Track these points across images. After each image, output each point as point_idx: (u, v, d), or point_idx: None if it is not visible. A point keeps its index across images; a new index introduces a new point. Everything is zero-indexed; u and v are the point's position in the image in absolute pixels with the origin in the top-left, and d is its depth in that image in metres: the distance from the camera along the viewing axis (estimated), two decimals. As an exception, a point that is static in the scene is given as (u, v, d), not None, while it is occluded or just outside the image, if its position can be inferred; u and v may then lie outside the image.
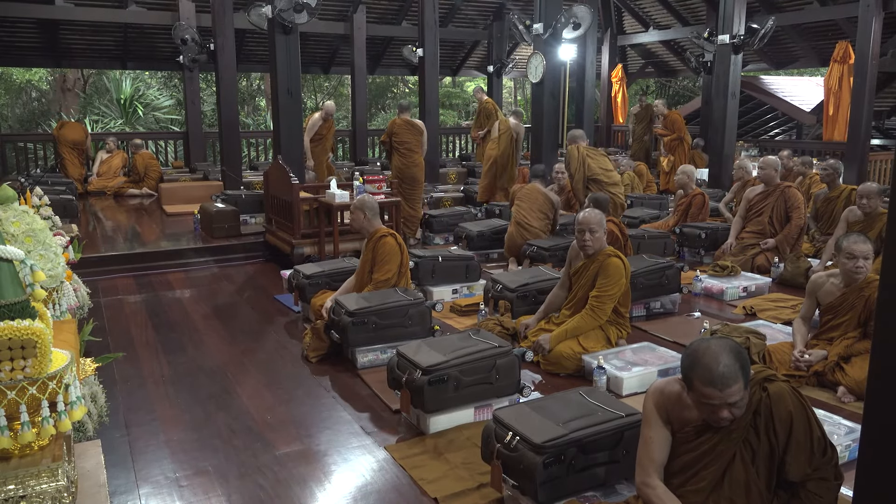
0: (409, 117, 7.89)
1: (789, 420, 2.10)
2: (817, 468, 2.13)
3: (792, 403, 2.12)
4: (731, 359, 2.02)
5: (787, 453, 2.10)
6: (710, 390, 2.02)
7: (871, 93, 9.68)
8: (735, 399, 2.03)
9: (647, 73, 16.58)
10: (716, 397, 2.02)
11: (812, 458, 2.11)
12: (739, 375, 2.02)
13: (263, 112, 20.52)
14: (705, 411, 2.09)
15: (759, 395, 2.13)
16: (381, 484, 2.86)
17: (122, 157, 11.34)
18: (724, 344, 2.08)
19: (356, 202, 4.63)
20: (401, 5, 13.29)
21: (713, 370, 2.01)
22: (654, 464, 2.24)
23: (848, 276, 3.76)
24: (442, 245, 7.37)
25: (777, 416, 2.10)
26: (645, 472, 2.24)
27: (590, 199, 5.57)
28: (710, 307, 5.29)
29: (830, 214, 6.75)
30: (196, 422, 3.42)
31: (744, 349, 2.12)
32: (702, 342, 2.14)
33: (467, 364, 3.27)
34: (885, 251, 1.87)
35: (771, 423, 2.11)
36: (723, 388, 2.01)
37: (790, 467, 2.10)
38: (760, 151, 11.53)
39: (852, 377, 3.54)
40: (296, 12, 6.48)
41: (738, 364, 2.02)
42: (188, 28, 10.48)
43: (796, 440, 2.10)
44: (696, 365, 2.06)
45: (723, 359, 2.02)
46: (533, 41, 7.89)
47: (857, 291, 3.74)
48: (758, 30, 9.21)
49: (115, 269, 6.45)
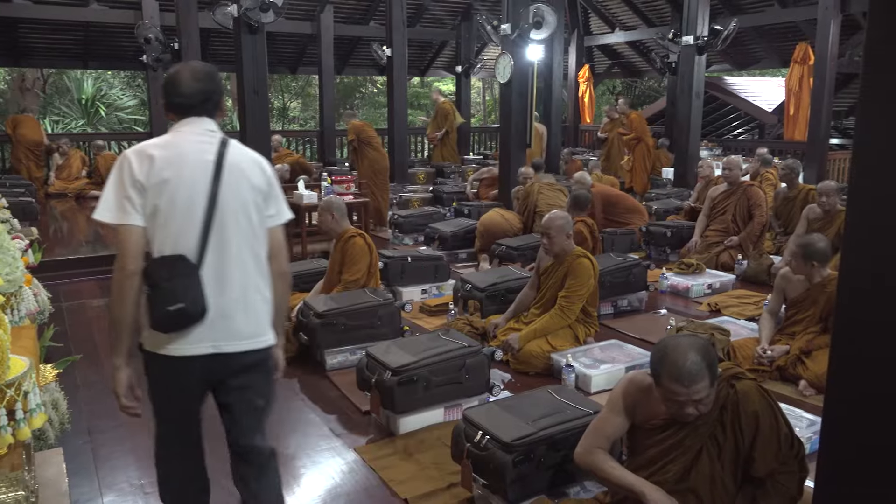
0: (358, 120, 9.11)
1: (756, 418, 2.14)
2: (784, 462, 2.18)
3: (759, 402, 2.16)
4: (698, 356, 2.05)
5: (755, 450, 2.14)
6: (677, 387, 2.05)
7: (829, 93, 9.91)
8: (701, 396, 2.06)
9: (614, 74, 16.77)
10: (682, 394, 2.05)
11: (779, 453, 2.16)
12: (706, 373, 2.05)
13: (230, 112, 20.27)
14: (672, 407, 2.13)
15: (726, 392, 2.17)
16: (350, 486, 2.85)
17: (81, 157, 11.09)
18: (692, 341, 2.11)
19: (324, 203, 4.60)
20: (368, 5, 13.25)
21: (680, 367, 2.04)
22: (602, 437, 2.29)
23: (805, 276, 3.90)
24: (411, 245, 7.36)
25: (744, 414, 2.14)
26: (588, 440, 2.30)
27: (570, 198, 5.76)
28: (676, 304, 5.37)
29: (789, 213, 6.89)
30: (162, 427, 3.36)
31: (712, 347, 2.16)
32: (672, 339, 2.16)
33: (437, 364, 3.27)
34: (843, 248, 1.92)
35: (737, 420, 2.15)
36: (689, 385, 2.04)
37: (758, 463, 2.15)
38: (724, 151, 11.73)
39: (813, 371, 3.63)
40: (262, 11, 6.41)
41: (705, 362, 2.05)
42: (151, 27, 10.30)
43: (763, 437, 2.14)
44: (664, 361, 2.09)
45: (690, 356, 2.05)
46: (501, 42, 7.93)
47: (819, 287, 3.84)
48: (721, 31, 9.37)
49: (78, 272, 6.31)
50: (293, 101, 22.83)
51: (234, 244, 1.98)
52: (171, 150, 1.96)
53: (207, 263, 1.94)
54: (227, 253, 1.97)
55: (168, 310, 1.87)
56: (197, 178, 1.94)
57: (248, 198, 2.02)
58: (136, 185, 1.90)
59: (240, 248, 1.99)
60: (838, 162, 10.60)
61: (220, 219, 1.95)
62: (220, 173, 1.96)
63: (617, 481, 2.19)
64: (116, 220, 1.90)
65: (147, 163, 1.91)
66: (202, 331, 1.93)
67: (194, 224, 1.93)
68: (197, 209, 1.93)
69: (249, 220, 2.01)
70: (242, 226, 2.00)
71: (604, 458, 2.25)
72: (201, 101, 2.02)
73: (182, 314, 1.88)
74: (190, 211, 1.93)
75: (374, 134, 8.52)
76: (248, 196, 2.01)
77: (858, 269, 1.86)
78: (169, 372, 1.98)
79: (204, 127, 2.03)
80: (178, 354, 1.93)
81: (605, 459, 2.25)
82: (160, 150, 1.95)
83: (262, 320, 2.04)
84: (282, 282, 2.15)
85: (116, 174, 1.93)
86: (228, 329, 1.96)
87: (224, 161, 1.98)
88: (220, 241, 1.95)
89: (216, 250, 1.95)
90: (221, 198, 1.96)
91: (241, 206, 2.00)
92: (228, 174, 1.98)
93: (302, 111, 22.91)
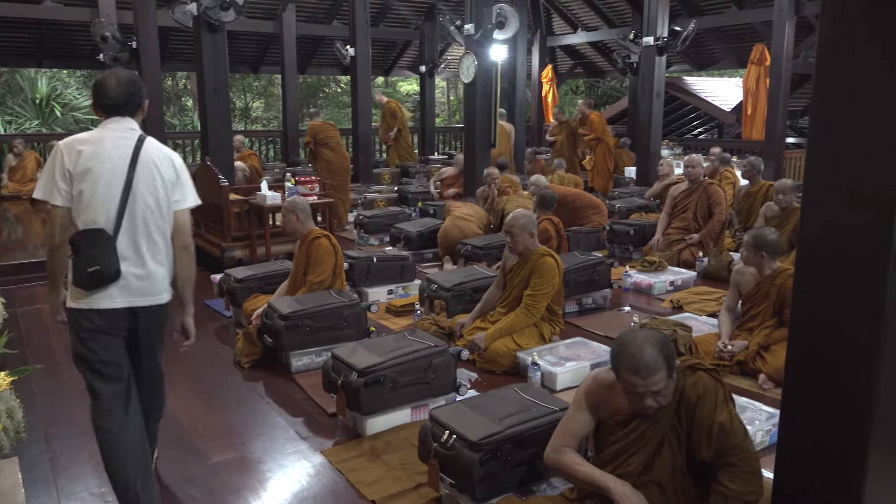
0: (321, 120, 9.14)
1: (695, 402, 2.18)
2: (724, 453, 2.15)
3: (703, 387, 2.19)
4: (655, 349, 2.10)
5: (691, 435, 2.18)
6: (635, 378, 2.10)
7: (785, 93, 10.17)
8: (659, 387, 2.11)
9: (577, 74, 16.93)
10: (640, 385, 2.10)
11: (710, 441, 2.15)
12: (663, 365, 2.09)
13: (190, 112, 19.96)
14: (632, 399, 2.17)
15: (682, 383, 2.22)
16: (317, 489, 2.83)
17: (35, 158, 10.79)
18: (649, 335, 2.17)
19: (288, 204, 4.55)
20: (331, 4, 13.16)
21: (638, 359, 2.09)
22: (569, 436, 2.33)
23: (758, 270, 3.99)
24: (377, 246, 7.34)
25: (686, 399, 2.19)
26: (556, 439, 2.33)
27: (536, 197, 5.82)
28: (639, 302, 5.44)
29: (749, 209, 7.04)
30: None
31: (669, 340, 2.20)
32: (628, 333, 2.22)
33: (403, 364, 3.26)
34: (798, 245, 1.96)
35: (694, 410, 2.19)
36: (646, 377, 2.09)
37: (697, 451, 2.17)
38: (685, 150, 11.94)
39: (772, 365, 3.71)
40: (222, 10, 6.32)
41: (661, 354, 2.10)
42: (108, 25, 10.04)
43: (698, 422, 2.16)
44: (622, 354, 2.15)
45: (647, 349, 2.10)
46: (464, 42, 7.94)
47: (769, 280, 3.93)
48: (680, 32, 9.52)
49: (33, 276, 6.14)
50: (256, 101, 22.57)
51: (143, 222, 2.46)
52: (96, 145, 2.42)
53: (121, 237, 2.42)
54: (138, 229, 2.45)
55: (88, 271, 2.36)
56: (116, 167, 2.41)
57: (158, 185, 2.49)
58: (65, 174, 2.38)
59: (148, 226, 2.47)
60: (794, 160, 10.88)
61: (132, 201, 2.43)
62: (135, 165, 2.44)
63: (584, 478, 2.21)
64: (46, 198, 2.40)
65: (75, 155, 2.39)
66: (119, 290, 2.43)
67: (112, 205, 2.40)
68: (115, 193, 2.41)
69: (158, 203, 2.49)
70: (152, 208, 2.47)
71: (570, 457, 2.28)
72: (124, 102, 2.49)
73: (98, 275, 2.37)
74: (109, 194, 2.40)
75: (332, 134, 8.53)
76: (157, 184, 2.49)
77: (813, 266, 1.91)
78: (96, 321, 2.44)
79: (126, 126, 2.50)
80: (103, 307, 2.43)
81: (572, 457, 2.28)
82: (87, 144, 2.41)
83: (162, 283, 2.57)
84: (185, 254, 2.63)
85: (50, 162, 2.42)
86: (139, 289, 2.47)
87: (139, 155, 2.46)
88: (132, 219, 2.44)
89: (128, 226, 2.43)
90: (135, 185, 2.43)
91: (150, 192, 2.47)
92: (142, 165, 2.45)
93: (265, 111, 22.66)
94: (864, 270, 1.76)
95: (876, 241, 1.72)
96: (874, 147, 1.71)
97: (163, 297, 2.57)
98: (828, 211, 1.84)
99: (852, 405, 1.82)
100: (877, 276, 1.73)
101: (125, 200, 2.41)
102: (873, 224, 1.73)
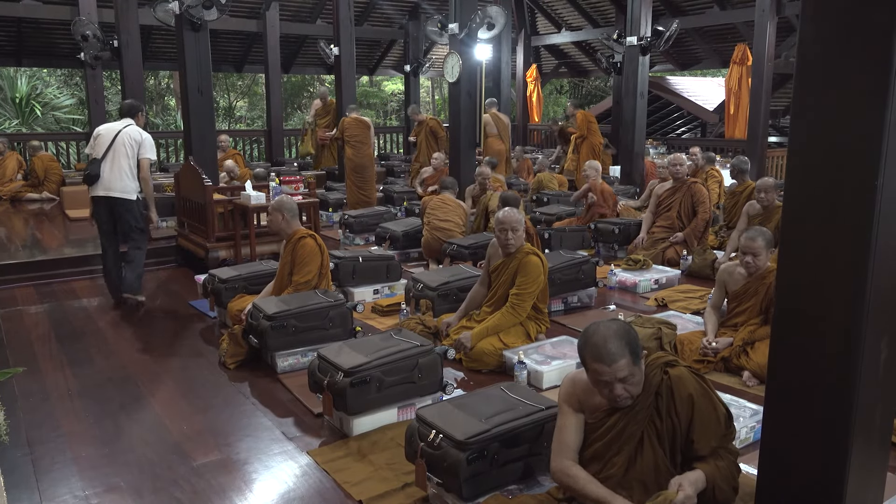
0: (357, 115, 9.12)
1: (691, 401, 2.22)
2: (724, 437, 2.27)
3: (692, 385, 2.25)
4: (616, 336, 2.17)
5: (693, 431, 2.22)
6: (600, 366, 2.16)
7: (767, 93, 10.27)
8: (623, 374, 2.15)
9: (561, 74, 17.00)
10: (605, 373, 2.15)
11: (718, 431, 2.25)
12: (626, 351, 2.15)
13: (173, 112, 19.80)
14: (603, 390, 2.21)
15: (659, 378, 2.26)
16: (304, 490, 2.82)
17: (16, 159, 10.65)
18: (610, 324, 2.23)
19: (274, 203, 4.53)
20: (315, 3, 13.12)
21: (601, 347, 2.15)
22: (568, 448, 2.33)
23: (746, 269, 3.99)
24: (362, 245, 7.32)
25: (678, 398, 2.23)
26: (559, 456, 2.33)
27: (500, 200, 5.74)
28: (624, 300, 5.47)
29: (733, 208, 7.11)
30: (106, 436, 3.26)
31: (632, 329, 2.26)
32: (592, 325, 2.28)
33: (389, 364, 3.26)
34: (780, 243, 1.98)
35: (672, 404, 2.24)
36: (610, 364, 2.14)
37: (698, 444, 2.22)
38: (668, 149, 12.01)
39: (756, 362, 3.75)
40: (205, 9, 6.27)
41: (622, 341, 2.16)
42: (89, 24, 9.94)
43: (701, 419, 2.22)
44: (586, 344, 2.21)
45: (609, 337, 2.16)
46: (449, 41, 7.94)
47: (759, 279, 3.97)
48: (663, 32, 9.58)
49: (14, 278, 6.08)
50: (239, 101, 22.44)
51: (118, 157, 5.18)
52: (105, 128, 5.33)
53: (105, 162, 5.17)
54: (115, 160, 5.18)
55: (87, 173, 5.19)
56: (110, 135, 5.22)
57: (128, 143, 5.22)
58: (91, 140, 5.40)
59: (120, 159, 5.18)
60: (776, 159, 10.98)
61: (113, 148, 5.19)
62: (118, 135, 5.22)
63: (591, 495, 2.22)
64: (88, 152, 5.46)
65: (96, 132, 5.35)
66: (99, 186, 5.18)
67: (102, 149, 5.20)
68: (106, 144, 5.20)
69: (126, 151, 5.20)
70: (126, 152, 5.20)
71: (576, 474, 2.27)
72: (127, 111, 5.45)
73: (89, 176, 5.17)
74: (104, 145, 5.20)
75: (356, 133, 8.78)
76: (128, 142, 5.22)
77: (795, 263, 1.93)
78: (94, 204, 5.29)
79: (125, 121, 5.35)
80: (94, 195, 5.23)
81: (579, 475, 2.27)
82: (102, 129, 5.34)
83: (128, 188, 5.21)
84: (145, 183, 5.32)
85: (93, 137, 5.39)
86: (111, 187, 5.17)
87: (122, 130, 5.25)
88: (113, 155, 5.18)
89: (110, 158, 5.18)
90: (116, 142, 5.20)
91: (122, 145, 5.20)
92: (122, 135, 5.23)
93: (249, 110, 22.54)
94: (844, 267, 1.78)
95: (856, 238, 1.75)
96: (854, 145, 1.74)
97: (124, 195, 5.18)
98: (809, 209, 1.87)
99: (834, 401, 1.84)
100: (857, 272, 1.76)
101: (109, 147, 5.18)
102: (853, 222, 1.75)
